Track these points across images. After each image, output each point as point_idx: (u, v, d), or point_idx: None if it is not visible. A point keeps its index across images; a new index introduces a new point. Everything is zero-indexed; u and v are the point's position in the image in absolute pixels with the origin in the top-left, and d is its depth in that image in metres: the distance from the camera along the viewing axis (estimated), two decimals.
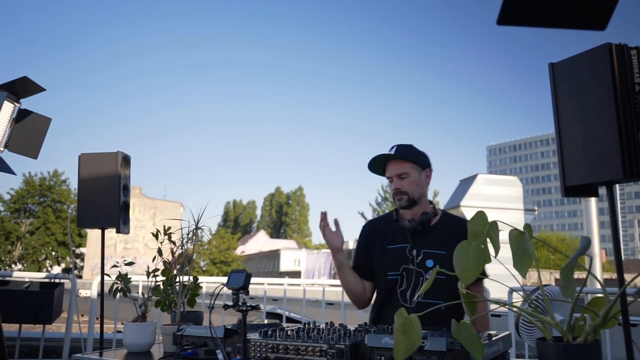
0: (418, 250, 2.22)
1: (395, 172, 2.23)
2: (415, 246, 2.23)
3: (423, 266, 2.19)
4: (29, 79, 2.52)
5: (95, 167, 3.23)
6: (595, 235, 17.73)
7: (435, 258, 2.19)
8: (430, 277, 1.29)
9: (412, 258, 2.22)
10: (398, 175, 2.22)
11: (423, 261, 2.20)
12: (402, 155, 2.22)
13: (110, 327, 5.51)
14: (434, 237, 2.22)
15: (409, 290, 2.19)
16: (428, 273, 2.15)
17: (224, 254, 40.22)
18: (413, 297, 2.16)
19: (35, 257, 33.88)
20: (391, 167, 2.24)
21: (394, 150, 2.24)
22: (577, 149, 1.53)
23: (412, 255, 2.22)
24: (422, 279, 2.18)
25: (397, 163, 2.23)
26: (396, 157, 2.22)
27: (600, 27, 0.90)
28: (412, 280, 2.20)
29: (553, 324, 1.15)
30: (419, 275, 2.19)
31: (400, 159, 2.22)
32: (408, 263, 2.22)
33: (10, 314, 3.85)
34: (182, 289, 2.15)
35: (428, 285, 1.30)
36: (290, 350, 1.56)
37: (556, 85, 1.57)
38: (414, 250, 2.22)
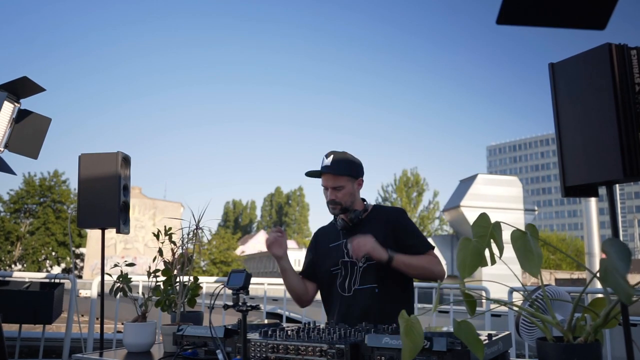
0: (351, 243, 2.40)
1: (331, 184, 2.39)
2: (349, 240, 2.38)
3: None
4: (29, 79, 2.52)
5: (95, 168, 3.23)
6: (595, 235, 17.73)
7: None
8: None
9: (347, 251, 2.39)
10: (333, 188, 2.39)
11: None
12: (338, 171, 2.38)
13: (110, 327, 5.51)
14: (364, 229, 2.38)
15: (346, 280, 2.39)
16: (360, 262, 2.35)
17: (224, 254, 40.21)
18: (349, 285, 2.37)
19: (35, 258, 33.86)
20: (327, 179, 2.40)
21: (330, 160, 2.38)
22: (577, 149, 1.53)
23: (346, 249, 2.39)
24: (356, 268, 2.37)
25: (332, 176, 2.39)
26: (332, 173, 2.38)
27: (600, 27, 0.90)
28: (348, 271, 2.39)
29: (554, 323, 1.15)
30: (353, 265, 2.38)
31: (334, 174, 2.38)
32: (344, 256, 2.42)
33: (10, 314, 3.85)
34: (182, 289, 2.15)
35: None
36: (290, 350, 1.56)
37: (556, 85, 1.57)
38: (348, 244, 2.37)
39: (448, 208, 23.84)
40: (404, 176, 39.46)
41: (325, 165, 2.39)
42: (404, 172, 39.68)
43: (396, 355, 1.41)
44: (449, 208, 23.56)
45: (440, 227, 38.65)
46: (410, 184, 39.13)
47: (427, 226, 37.76)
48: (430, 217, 38.48)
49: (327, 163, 2.39)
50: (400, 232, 2.38)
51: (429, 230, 37.55)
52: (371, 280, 2.32)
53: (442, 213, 33.91)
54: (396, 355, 1.41)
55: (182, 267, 2.16)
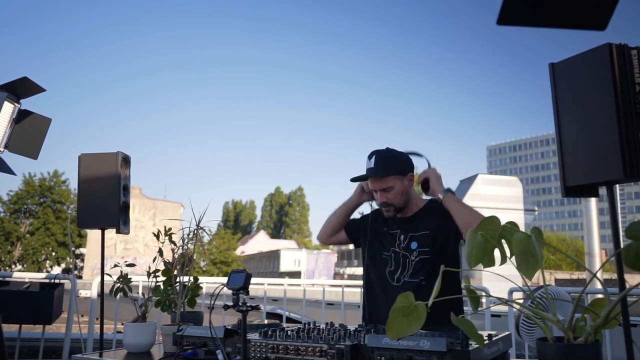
0: (405, 235, 2.39)
1: (378, 187, 2.33)
2: (403, 232, 2.40)
3: (409, 249, 2.35)
4: (29, 80, 2.52)
5: (95, 168, 3.23)
6: (596, 235, 17.71)
7: (418, 240, 2.35)
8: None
9: (400, 242, 2.39)
10: (382, 190, 2.33)
11: (409, 244, 2.36)
12: (382, 172, 2.30)
13: (110, 328, 5.51)
14: (417, 221, 2.38)
15: (397, 270, 2.36)
16: (412, 255, 2.33)
17: (224, 255, 40.21)
18: (399, 277, 2.34)
19: (35, 258, 33.86)
20: (373, 182, 2.34)
21: (373, 162, 2.30)
22: (577, 149, 1.52)
23: (399, 240, 2.39)
24: (408, 261, 2.34)
25: (379, 178, 2.32)
26: (376, 175, 2.31)
27: (601, 27, 0.90)
28: (400, 262, 2.36)
29: (554, 321, 1.15)
30: (404, 258, 2.36)
31: (384, 176, 2.31)
32: (396, 247, 2.39)
33: (10, 314, 3.85)
34: (182, 289, 2.15)
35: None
36: (290, 351, 1.56)
37: (556, 86, 1.57)
38: (402, 236, 2.39)
39: None
40: None
41: (368, 168, 2.32)
42: None
43: (396, 356, 1.41)
44: None
45: None
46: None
47: None
48: None
49: (370, 165, 2.31)
50: (453, 230, 2.31)
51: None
52: (421, 274, 2.29)
53: None
54: (396, 355, 1.41)
55: (182, 267, 2.15)
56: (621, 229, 1.46)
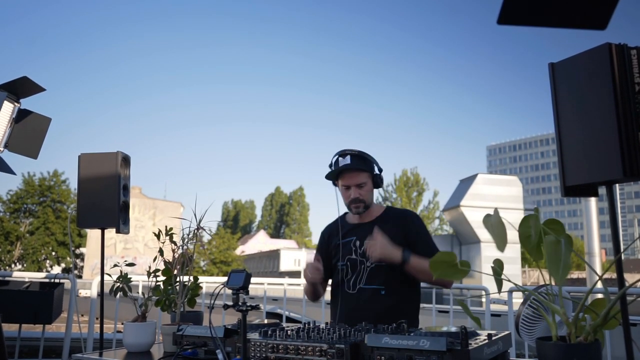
0: (361, 241, 2.38)
1: (354, 182, 2.36)
2: (359, 238, 2.40)
3: (365, 255, 2.33)
4: (29, 79, 2.52)
5: (95, 167, 3.23)
6: (595, 235, 17.71)
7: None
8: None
9: (356, 249, 2.40)
10: (357, 185, 2.36)
11: (365, 251, 2.34)
12: (360, 166, 2.35)
13: (110, 327, 5.51)
14: (373, 229, 2.35)
15: (352, 277, 2.37)
16: (369, 261, 2.32)
17: (224, 254, 40.21)
18: (355, 283, 2.35)
19: (35, 257, 33.84)
20: (350, 177, 2.37)
21: (348, 159, 2.35)
22: (577, 149, 1.53)
23: (355, 246, 2.40)
24: (363, 267, 2.36)
25: (355, 173, 2.36)
26: (355, 169, 2.36)
27: (601, 27, 0.90)
28: (356, 269, 2.38)
29: (561, 313, 1.15)
30: (360, 264, 2.37)
31: (357, 170, 2.36)
32: (352, 254, 2.40)
33: (10, 314, 3.85)
34: (182, 289, 2.15)
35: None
36: (290, 350, 1.56)
37: (556, 85, 1.58)
38: (357, 242, 2.40)
39: (448, 208, 23.83)
40: (404, 176, 39.49)
41: (346, 163, 2.35)
42: (404, 172, 39.72)
43: (396, 355, 1.41)
44: (449, 208, 23.55)
45: (440, 227, 38.70)
46: (410, 184, 39.15)
47: (427, 226, 37.76)
48: (430, 217, 38.52)
49: (347, 161, 2.35)
50: (412, 235, 2.36)
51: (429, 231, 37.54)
52: (378, 282, 2.30)
53: (442, 213, 33.92)
54: (396, 355, 1.41)
55: (182, 267, 2.16)
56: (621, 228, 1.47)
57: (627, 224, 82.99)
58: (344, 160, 2.36)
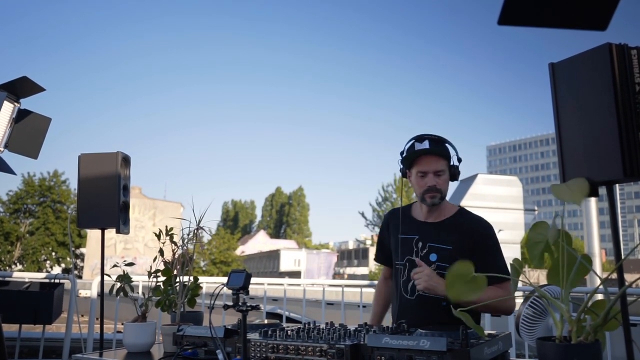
0: (424, 243, 2.19)
1: (433, 168, 2.14)
2: (422, 239, 2.20)
3: (427, 259, 2.14)
4: (29, 79, 2.52)
5: (95, 168, 3.23)
6: (595, 235, 17.70)
7: (439, 252, 2.14)
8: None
9: (417, 250, 2.18)
10: (435, 172, 2.14)
11: (427, 254, 2.16)
12: (442, 152, 2.15)
13: (110, 327, 5.51)
14: (443, 231, 2.17)
15: (411, 282, 2.14)
16: (431, 267, 2.09)
17: (224, 254, 40.22)
18: (413, 289, 2.14)
19: (35, 258, 33.84)
20: (427, 162, 2.14)
21: (427, 143, 2.15)
22: (577, 149, 1.53)
23: (417, 247, 2.19)
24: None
25: (435, 159, 2.14)
26: (434, 153, 2.14)
27: (601, 28, 0.90)
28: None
29: (564, 311, 1.15)
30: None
31: (437, 155, 2.15)
32: (412, 254, 2.19)
33: (10, 314, 3.85)
34: (182, 289, 2.15)
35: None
36: (290, 350, 1.56)
37: (556, 85, 1.57)
38: (420, 243, 2.19)
39: None
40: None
41: (425, 147, 2.14)
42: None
43: (396, 355, 1.41)
44: None
45: None
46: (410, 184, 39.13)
47: None
48: None
49: (425, 146, 2.14)
50: (482, 248, 2.11)
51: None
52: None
53: None
54: (396, 355, 1.41)
55: (182, 267, 2.15)
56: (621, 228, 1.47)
57: (627, 224, 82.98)
58: (421, 145, 2.15)
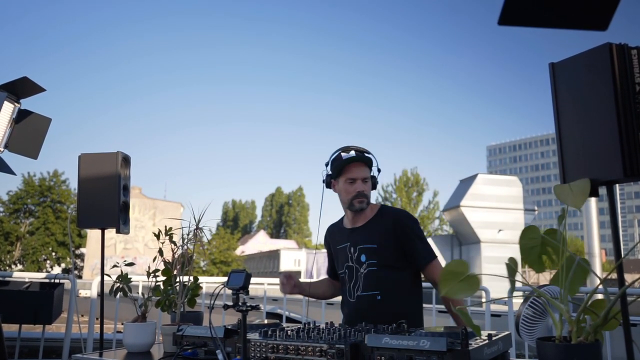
0: (354, 247, 2.35)
1: (361, 175, 2.31)
2: (352, 244, 2.36)
3: (359, 261, 2.31)
4: (29, 79, 2.52)
5: (95, 168, 3.23)
6: (595, 235, 17.72)
7: (367, 252, 2.31)
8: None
9: (351, 255, 2.35)
10: (363, 179, 2.31)
11: (358, 256, 2.32)
12: (368, 161, 2.33)
13: (110, 327, 5.51)
14: (367, 232, 2.33)
15: (350, 285, 2.33)
16: (362, 267, 2.29)
17: (224, 254, 40.22)
18: (353, 291, 2.31)
19: (35, 258, 33.84)
20: (357, 170, 2.31)
21: (353, 153, 2.32)
22: (577, 149, 1.53)
23: (350, 252, 2.36)
24: (358, 274, 2.31)
25: (363, 167, 2.32)
26: (362, 162, 2.31)
27: (602, 28, 0.90)
28: (353, 276, 2.33)
29: (564, 311, 1.15)
30: (356, 271, 2.32)
31: (364, 163, 2.32)
32: (349, 260, 2.36)
33: (10, 314, 3.85)
34: (182, 289, 2.15)
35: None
36: (290, 350, 1.56)
37: (556, 85, 1.58)
38: (351, 248, 2.35)
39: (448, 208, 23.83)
40: (404, 176, 39.45)
41: (354, 155, 2.31)
42: (404, 172, 39.67)
43: (396, 355, 1.41)
44: (449, 208, 23.55)
45: (440, 227, 38.65)
46: (410, 184, 39.11)
47: (427, 226, 37.73)
48: (430, 217, 38.47)
49: (352, 154, 2.31)
50: (407, 235, 2.29)
51: (429, 231, 37.54)
52: (373, 287, 2.25)
53: (442, 213, 33.89)
54: (396, 355, 1.41)
55: (182, 267, 2.16)
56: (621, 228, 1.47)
57: (627, 224, 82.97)
58: (348, 155, 2.31)
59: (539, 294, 1.30)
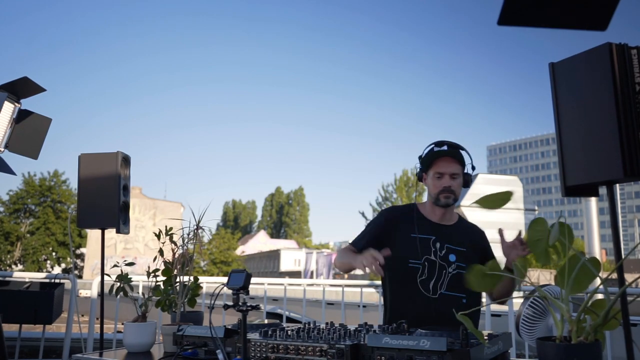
0: (442, 244, 2.28)
1: (450, 170, 2.25)
2: (439, 240, 2.28)
3: (446, 260, 2.25)
4: (29, 80, 2.52)
5: (95, 167, 3.23)
6: (595, 235, 17.68)
7: (457, 254, 2.26)
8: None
9: (436, 250, 2.27)
10: (451, 175, 2.26)
11: (446, 255, 2.26)
12: (459, 157, 2.28)
13: (110, 327, 5.51)
14: (455, 234, 2.30)
15: (432, 281, 2.24)
16: (450, 267, 2.23)
17: (224, 254, 40.22)
18: (435, 287, 2.23)
19: (35, 258, 33.85)
20: (445, 164, 2.25)
21: (446, 147, 2.29)
22: (577, 149, 1.53)
23: (435, 247, 2.27)
24: (444, 272, 2.24)
25: (454, 162, 2.26)
26: (453, 157, 2.26)
27: (601, 28, 0.90)
28: (435, 272, 2.24)
29: (565, 311, 1.15)
30: (442, 268, 2.24)
31: (455, 159, 2.27)
32: (431, 254, 2.27)
33: (10, 314, 3.85)
34: (183, 289, 2.15)
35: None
36: (290, 350, 1.56)
37: (556, 85, 1.58)
38: (437, 243, 2.27)
39: None
40: (404, 176, 39.47)
41: (444, 150, 2.28)
42: (404, 172, 39.69)
43: (396, 355, 1.41)
44: None
45: None
46: (410, 184, 39.12)
47: None
48: None
49: (444, 148, 2.28)
50: (486, 249, 2.32)
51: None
52: (460, 289, 2.20)
53: None
54: (396, 355, 1.41)
55: (182, 267, 2.16)
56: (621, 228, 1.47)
57: (628, 224, 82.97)
58: (440, 149, 2.29)
59: (541, 293, 1.30)
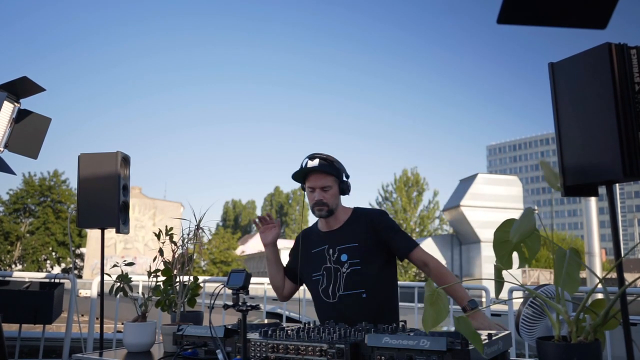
0: (333, 249, 2.39)
1: (319, 184, 2.36)
2: (331, 246, 2.39)
3: (339, 262, 2.35)
4: (29, 79, 2.52)
5: (95, 167, 3.24)
6: (595, 234, 17.72)
7: (348, 252, 2.35)
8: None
9: (329, 257, 2.38)
10: (321, 188, 2.36)
11: (338, 257, 2.36)
12: (326, 169, 2.36)
13: (110, 327, 5.51)
14: (343, 234, 2.39)
15: (330, 286, 2.35)
16: (344, 267, 2.33)
17: (224, 254, 40.20)
18: (334, 292, 2.33)
19: (35, 257, 33.83)
20: (315, 179, 2.37)
21: (316, 162, 2.37)
22: (577, 149, 1.53)
23: (329, 254, 2.39)
24: (339, 274, 2.34)
25: (321, 176, 2.36)
26: (320, 171, 2.36)
27: (601, 26, 0.90)
28: (332, 277, 2.36)
29: (563, 312, 1.15)
30: (336, 271, 2.35)
31: (323, 172, 2.36)
32: (327, 262, 2.39)
33: (10, 314, 3.85)
34: (182, 289, 2.15)
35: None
36: (290, 350, 1.56)
37: (556, 85, 1.58)
38: (330, 250, 2.39)
39: (448, 208, 23.85)
40: (404, 176, 39.42)
41: (312, 165, 2.37)
42: (404, 172, 39.64)
43: (396, 355, 1.41)
44: (449, 208, 23.57)
45: (440, 226, 38.60)
46: (410, 184, 39.08)
47: (427, 226, 37.73)
48: (430, 216, 38.41)
49: (314, 163, 2.37)
50: (384, 231, 2.36)
51: (429, 230, 37.53)
52: (357, 286, 2.29)
53: (442, 213, 33.89)
54: (396, 355, 1.41)
55: (182, 267, 2.16)
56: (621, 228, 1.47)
57: (627, 223, 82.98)
58: (312, 163, 2.38)
59: (535, 295, 1.30)
